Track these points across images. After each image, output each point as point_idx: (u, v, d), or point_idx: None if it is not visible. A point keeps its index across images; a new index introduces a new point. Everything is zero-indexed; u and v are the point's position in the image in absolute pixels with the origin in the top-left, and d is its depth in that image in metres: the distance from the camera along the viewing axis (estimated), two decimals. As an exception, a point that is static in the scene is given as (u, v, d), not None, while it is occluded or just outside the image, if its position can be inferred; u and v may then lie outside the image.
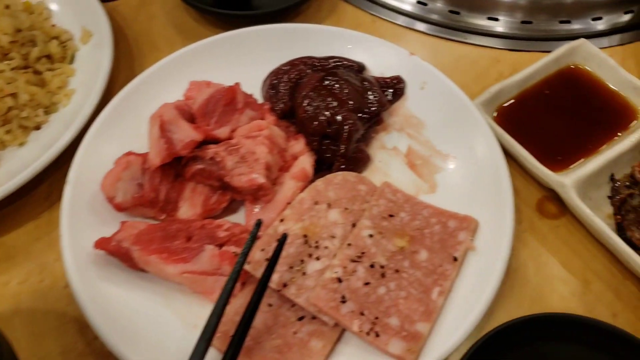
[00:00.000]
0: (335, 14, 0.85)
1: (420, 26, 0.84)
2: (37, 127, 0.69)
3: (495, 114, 0.71)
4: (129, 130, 0.66)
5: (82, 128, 0.65)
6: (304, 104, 0.65)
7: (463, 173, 0.65)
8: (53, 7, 0.81)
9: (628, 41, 0.83)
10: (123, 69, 0.78)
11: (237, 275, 0.50)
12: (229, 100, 0.63)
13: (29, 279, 0.61)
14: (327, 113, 0.65)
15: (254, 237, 0.53)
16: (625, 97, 0.73)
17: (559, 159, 0.67)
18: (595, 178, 0.65)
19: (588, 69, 0.75)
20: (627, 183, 0.65)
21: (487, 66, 0.80)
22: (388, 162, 0.68)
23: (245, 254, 0.52)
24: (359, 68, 0.72)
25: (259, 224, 0.54)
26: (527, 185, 0.68)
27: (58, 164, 0.65)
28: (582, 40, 0.75)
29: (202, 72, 0.71)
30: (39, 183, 0.67)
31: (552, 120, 0.72)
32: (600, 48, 0.81)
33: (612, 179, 0.66)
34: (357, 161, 0.65)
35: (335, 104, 0.65)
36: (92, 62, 0.74)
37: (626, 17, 0.84)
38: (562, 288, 0.61)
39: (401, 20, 0.84)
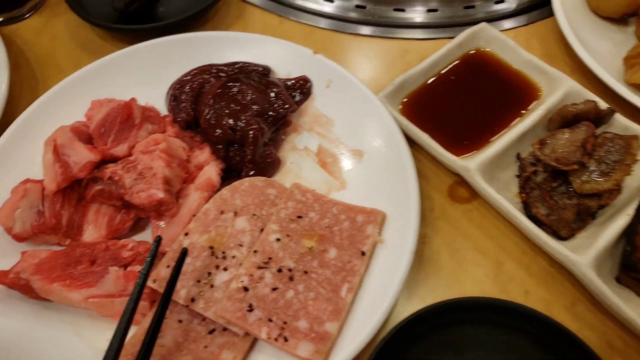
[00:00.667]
0: (243, 18, 0.85)
1: (328, 23, 0.84)
2: None
3: (401, 106, 0.72)
4: (28, 157, 0.64)
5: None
6: (206, 113, 0.64)
7: (371, 167, 0.65)
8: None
9: (531, 21, 0.85)
10: (25, 94, 0.76)
11: (138, 296, 0.49)
12: (125, 116, 0.62)
13: None
14: (230, 120, 0.64)
15: (153, 256, 0.52)
16: (527, 76, 0.74)
17: (466, 143, 0.68)
18: (500, 159, 0.66)
19: (491, 51, 0.77)
20: (532, 161, 0.66)
21: (396, 57, 0.81)
22: (299, 163, 0.68)
23: (144, 275, 0.51)
24: (265, 71, 0.72)
25: (158, 241, 0.53)
26: (437, 173, 0.69)
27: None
28: (483, 24, 0.77)
29: (105, 90, 0.70)
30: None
31: (459, 106, 0.73)
32: (506, 30, 0.84)
33: (519, 157, 0.68)
34: (267, 165, 0.65)
35: (238, 109, 0.65)
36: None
37: (528, -2, 0.86)
38: (476, 271, 0.62)
39: (308, 19, 0.84)
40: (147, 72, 0.72)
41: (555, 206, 0.62)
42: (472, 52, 0.77)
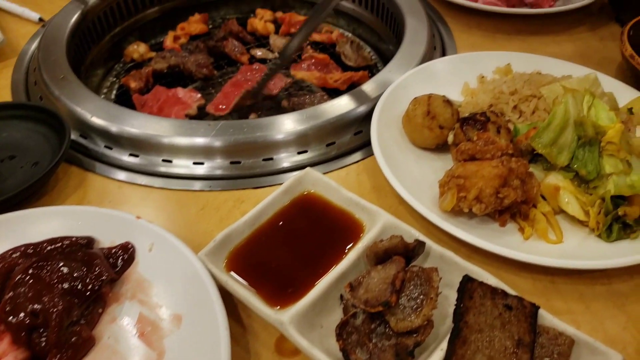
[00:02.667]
0: (82, 187, 0.86)
1: (164, 182, 0.86)
2: None
3: (227, 260, 0.72)
4: None
5: None
6: (6, 299, 0.62)
7: (189, 333, 0.63)
8: None
9: (363, 157, 0.91)
10: None
11: None
12: None
13: None
14: (32, 303, 0.61)
15: None
16: (351, 213, 0.77)
17: (290, 292, 0.68)
18: (322, 304, 0.66)
19: (317, 193, 0.80)
20: (352, 302, 0.66)
21: (232, 208, 0.83)
22: (118, 336, 0.64)
23: None
24: (87, 243, 0.71)
25: None
26: (266, 326, 0.67)
27: None
28: (308, 169, 0.81)
29: None
30: None
31: (286, 252, 0.74)
32: (339, 168, 0.89)
33: (342, 299, 0.68)
34: (76, 347, 0.61)
35: (43, 290, 0.63)
36: None
37: (358, 138, 0.93)
38: None
39: (144, 180, 0.87)
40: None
41: (375, 349, 0.61)
42: (300, 195, 0.80)
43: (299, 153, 0.90)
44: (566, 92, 0.81)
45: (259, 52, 1.33)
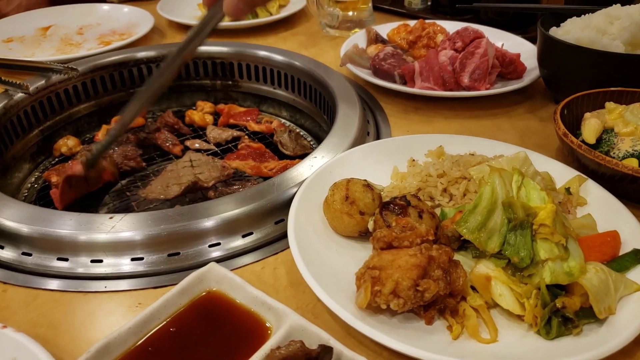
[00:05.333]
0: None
1: (55, 284, 0.76)
2: None
3: (99, 377, 0.60)
4: None
5: None
6: None
7: None
8: None
9: (280, 250, 0.82)
10: None
11: None
12: None
13: None
14: None
15: None
16: (257, 313, 0.67)
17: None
18: None
19: (221, 291, 0.70)
20: None
21: (125, 312, 0.72)
22: None
23: None
24: None
25: None
26: None
27: None
28: (212, 264, 0.71)
29: None
30: None
31: (180, 363, 0.63)
32: (251, 263, 0.79)
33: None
34: None
35: None
36: None
37: (278, 227, 0.85)
38: None
39: (32, 282, 0.76)
40: None
41: None
42: (200, 295, 0.70)
43: (210, 246, 0.81)
44: (492, 171, 0.75)
45: (196, 144, 1.28)
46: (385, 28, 1.51)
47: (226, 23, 1.66)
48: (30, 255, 0.80)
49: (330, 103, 1.18)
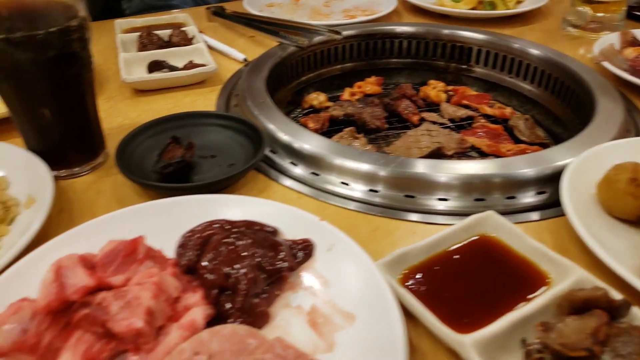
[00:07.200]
0: (266, 192, 0.93)
1: (341, 201, 0.90)
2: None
3: (400, 276, 0.71)
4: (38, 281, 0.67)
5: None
6: (205, 258, 0.67)
7: (362, 333, 0.62)
8: (14, 178, 0.91)
9: (543, 218, 0.87)
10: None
11: None
12: (130, 251, 0.65)
13: None
14: (226, 267, 0.66)
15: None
16: (534, 263, 0.73)
17: (465, 322, 0.65)
18: (503, 341, 0.61)
19: (497, 237, 0.78)
20: (538, 347, 0.61)
21: (403, 236, 0.83)
22: (289, 321, 0.66)
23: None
24: (272, 231, 0.76)
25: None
26: (435, 350, 0.64)
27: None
28: (490, 212, 0.79)
29: (123, 233, 0.75)
30: None
31: (460, 285, 0.71)
32: (515, 223, 0.86)
33: (524, 343, 0.63)
34: (255, 317, 0.64)
35: (237, 259, 0.67)
36: (27, 223, 0.79)
37: (540, 197, 0.90)
38: None
39: (323, 196, 0.91)
40: (165, 222, 0.77)
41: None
42: (477, 237, 0.78)
43: (475, 200, 0.89)
44: None
45: (431, 117, 1.38)
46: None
47: (463, 10, 1.73)
48: (317, 175, 0.96)
49: (583, 97, 1.18)
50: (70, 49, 0.87)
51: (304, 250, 0.73)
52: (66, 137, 0.95)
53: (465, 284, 0.72)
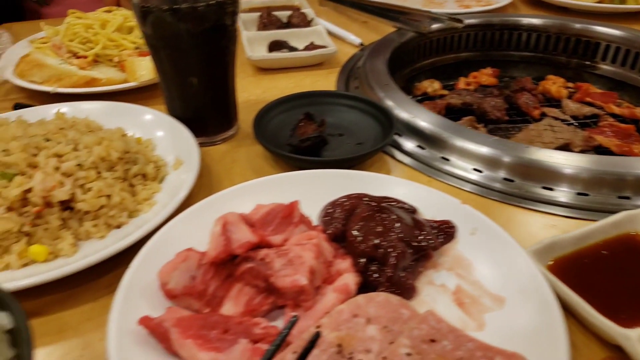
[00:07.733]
0: (394, 173, 0.94)
1: (472, 188, 0.90)
2: (118, 226, 0.78)
3: (548, 265, 0.70)
4: (195, 234, 0.71)
5: (152, 231, 0.72)
6: (354, 228, 0.69)
7: (514, 316, 0.62)
8: (159, 141, 0.97)
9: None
10: (201, 197, 0.87)
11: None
12: (287, 214, 0.68)
13: (71, 352, 0.62)
14: (375, 238, 0.68)
15: (285, 334, 0.53)
16: (692, 266, 0.69)
17: (622, 317, 0.63)
18: (665, 340, 0.59)
19: (650, 237, 0.74)
20: None
21: (541, 228, 0.81)
22: (435, 297, 0.67)
23: (272, 351, 0.51)
24: (411, 210, 0.77)
25: (294, 320, 0.54)
26: (587, 343, 0.63)
27: (124, 262, 0.69)
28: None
29: (268, 199, 0.79)
30: (105, 273, 0.72)
31: (611, 280, 0.69)
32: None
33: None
34: (403, 289, 0.65)
35: (384, 232, 0.69)
36: (177, 183, 0.85)
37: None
38: None
39: (454, 182, 0.91)
40: (305, 192, 0.79)
41: None
42: (628, 233, 0.75)
43: (619, 197, 0.85)
44: None
45: (553, 112, 1.33)
46: None
47: (589, 4, 1.64)
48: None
49: None
50: (223, 21, 0.92)
51: (445, 231, 0.74)
52: (208, 106, 1.01)
53: (617, 280, 0.69)
